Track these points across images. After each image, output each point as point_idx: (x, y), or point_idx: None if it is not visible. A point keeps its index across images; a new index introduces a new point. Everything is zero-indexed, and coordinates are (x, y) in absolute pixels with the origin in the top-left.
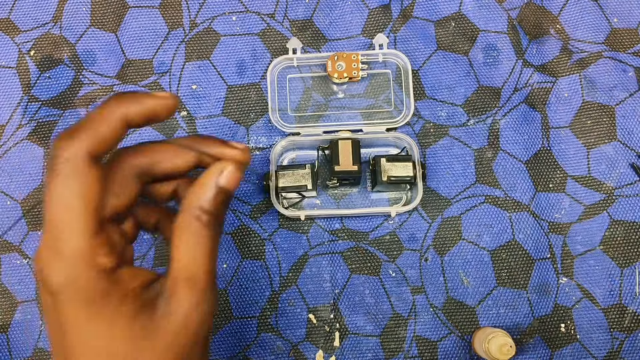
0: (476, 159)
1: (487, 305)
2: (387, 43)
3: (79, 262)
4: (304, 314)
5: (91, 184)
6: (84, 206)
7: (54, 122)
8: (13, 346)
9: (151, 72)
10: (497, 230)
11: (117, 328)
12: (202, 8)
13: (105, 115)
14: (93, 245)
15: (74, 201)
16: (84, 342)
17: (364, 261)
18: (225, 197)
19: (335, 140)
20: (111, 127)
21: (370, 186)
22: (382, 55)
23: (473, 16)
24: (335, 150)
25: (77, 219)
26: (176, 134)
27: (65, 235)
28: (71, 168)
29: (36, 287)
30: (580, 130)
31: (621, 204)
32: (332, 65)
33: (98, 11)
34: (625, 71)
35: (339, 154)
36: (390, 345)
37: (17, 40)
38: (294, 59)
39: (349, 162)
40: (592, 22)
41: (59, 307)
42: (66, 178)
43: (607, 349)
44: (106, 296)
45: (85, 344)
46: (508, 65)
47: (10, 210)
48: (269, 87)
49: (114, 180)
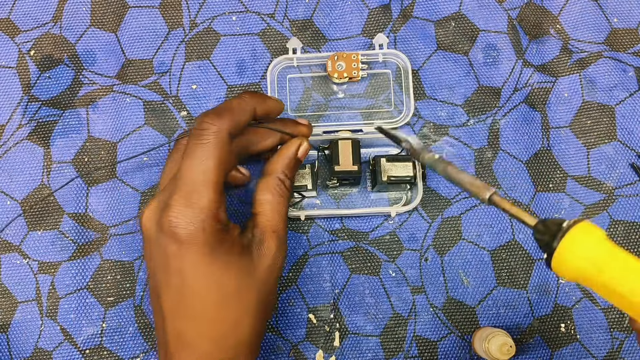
0: (476, 159)
1: (487, 305)
2: (387, 43)
3: (208, 214)
4: (304, 314)
5: (227, 153)
6: (219, 169)
7: (54, 122)
8: (13, 346)
9: (151, 72)
10: (497, 230)
11: (230, 268)
12: (202, 8)
13: (243, 105)
14: (218, 201)
15: (212, 164)
16: (203, 281)
17: (364, 261)
18: (298, 165)
19: (336, 140)
20: (245, 115)
21: (370, 186)
22: (382, 55)
23: (473, 16)
24: (335, 150)
25: (213, 179)
26: (176, 134)
27: (202, 191)
28: (217, 138)
29: (144, 251)
30: (580, 130)
31: (621, 204)
32: (332, 65)
33: (98, 11)
34: (625, 71)
35: (339, 154)
36: (390, 345)
37: (17, 40)
38: (294, 59)
39: (349, 162)
40: (592, 22)
41: (183, 253)
42: (211, 145)
43: (607, 349)
44: (223, 243)
45: (203, 282)
46: (508, 65)
47: (10, 210)
48: (268, 87)
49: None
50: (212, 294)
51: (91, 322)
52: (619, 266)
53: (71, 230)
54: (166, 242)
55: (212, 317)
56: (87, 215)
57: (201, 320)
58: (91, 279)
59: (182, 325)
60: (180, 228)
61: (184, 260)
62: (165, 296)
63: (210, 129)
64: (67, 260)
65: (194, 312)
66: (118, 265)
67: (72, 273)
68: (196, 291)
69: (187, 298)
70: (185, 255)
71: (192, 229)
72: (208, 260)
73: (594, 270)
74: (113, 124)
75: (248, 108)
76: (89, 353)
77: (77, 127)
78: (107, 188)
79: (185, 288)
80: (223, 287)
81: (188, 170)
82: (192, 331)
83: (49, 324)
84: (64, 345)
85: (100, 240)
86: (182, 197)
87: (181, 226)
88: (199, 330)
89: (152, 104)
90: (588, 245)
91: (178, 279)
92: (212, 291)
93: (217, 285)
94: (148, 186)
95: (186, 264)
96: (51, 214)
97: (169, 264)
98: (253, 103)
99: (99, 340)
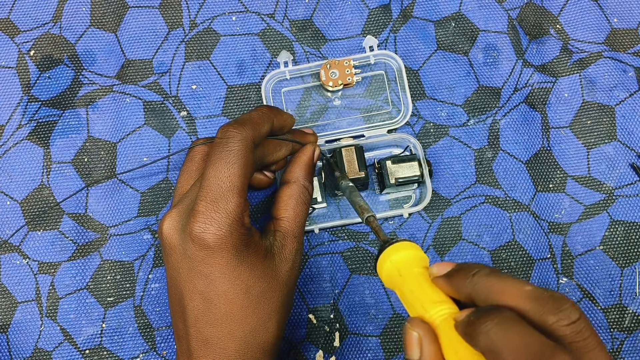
0: (476, 159)
1: None
2: (377, 44)
3: (235, 218)
4: (304, 314)
5: (251, 160)
6: (245, 175)
7: (54, 122)
8: (13, 346)
9: (151, 72)
10: (497, 231)
11: (255, 271)
12: (202, 8)
13: (263, 118)
14: (243, 206)
15: (238, 170)
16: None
17: (364, 261)
18: (314, 171)
19: (339, 149)
20: (265, 127)
21: (379, 189)
22: (373, 57)
23: (473, 16)
24: (340, 159)
25: (239, 185)
26: (176, 134)
27: (228, 197)
28: (243, 145)
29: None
30: (580, 130)
31: (621, 204)
32: (325, 74)
33: (98, 11)
34: (625, 71)
35: (344, 162)
36: (390, 345)
37: (17, 40)
38: (286, 72)
39: (355, 169)
40: (592, 22)
41: (211, 258)
42: (237, 152)
43: (607, 349)
44: (248, 246)
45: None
46: (508, 65)
47: (10, 210)
48: (264, 102)
49: None
50: (239, 297)
51: (91, 322)
52: (412, 273)
53: (71, 230)
54: (193, 249)
55: (239, 320)
56: (87, 215)
57: (229, 324)
58: (91, 279)
59: (209, 331)
60: (209, 233)
61: (212, 265)
62: (191, 303)
63: (236, 137)
64: (67, 261)
65: (221, 317)
66: (118, 266)
67: (72, 273)
68: (224, 295)
69: (214, 303)
70: (213, 261)
71: (220, 234)
72: (235, 264)
73: (396, 272)
74: (113, 124)
75: (267, 119)
76: (88, 353)
77: (77, 127)
78: (107, 188)
79: (212, 293)
80: (250, 289)
81: (214, 177)
82: (219, 335)
83: (49, 324)
84: (63, 346)
85: (100, 240)
86: (209, 202)
87: (210, 232)
88: (226, 334)
89: (152, 104)
90: (397, 256)
91: (205, 284)
92: (240, 294)
93: (245, 288)
94: (148, 187)
95: (214, 268)
96: (51, 214)
97: (196, 269)
98: (271, 115)
99: (98, 341)
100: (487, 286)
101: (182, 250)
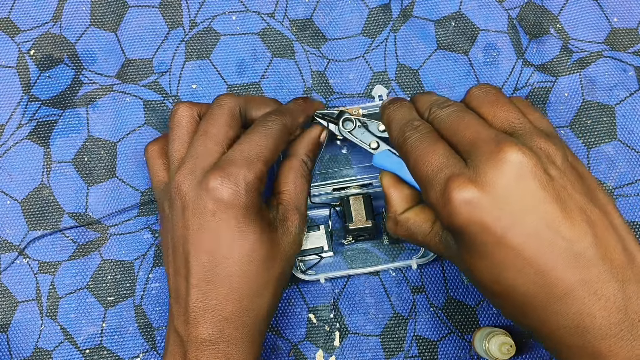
0: None
1: (487, 305)
2: (387, 93)
3: (255, 182)
4: (304, 314)
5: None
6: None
7: (54, 122)
8: (13, 346)
9: (151, 71)
10: None
11: (262, 237)
12: (202, 7)
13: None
14: (263, 176)
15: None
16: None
17: (364, 261)
18: (319, 150)
19: (347, 198)
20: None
21: (387, 239)
22: None
23: (473, 15)
24: (347, 208)
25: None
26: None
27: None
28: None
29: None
30: (580, 130)
31: (621, 204)
32: None
33: (98, 11)
34: (626, 71)
35: (351, 211)
36: (390, 345)
37: (17, 39)
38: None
39: (362, 219)
40: (592, 21)
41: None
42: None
43: None
44: (259, 212)
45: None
46: (508, 64)
47: (10, 209)
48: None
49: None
50: (243, 259)
51: (91, 322)
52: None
53: (71, 230)
54: (207, 201)
55: (239, 282)
56: (87, 215)
57: (229, 285)
58: (91, 279)
59: (209, 291)
60: (226, 187)
61: (222, 220)
62: (197, 261)
63: (275, 121)
64: (67, 260)
65: (223, 277)
66: (118, 265)
67: (72, 273)
68: (229, 255)
69: (218, 262)
70: (224, 216)
71: (236, 191)
72: (244, 224)
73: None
74: (113, 124)
75: (302, 112)
76: (89, 353)
77: (77, 126)
78: (107, 188)
79: (218, 252)
80: (253, 253)
81: (248, 143)
82: (218, 297)
83: (49, 324)
84: (64, 345)
85: (100, 240)
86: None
87: (227, 186)
88: (225, 295)
89: (152, 104)
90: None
91: (213, 241)
92: (244, 256)
93: (249, 251)
94: (148, 186)
95: (223, 224)
96: (51, 213)
97: (206, 225)
98: (306, 108)
99: (99, 340)
100: (414, 99)
101: (195, 204)
